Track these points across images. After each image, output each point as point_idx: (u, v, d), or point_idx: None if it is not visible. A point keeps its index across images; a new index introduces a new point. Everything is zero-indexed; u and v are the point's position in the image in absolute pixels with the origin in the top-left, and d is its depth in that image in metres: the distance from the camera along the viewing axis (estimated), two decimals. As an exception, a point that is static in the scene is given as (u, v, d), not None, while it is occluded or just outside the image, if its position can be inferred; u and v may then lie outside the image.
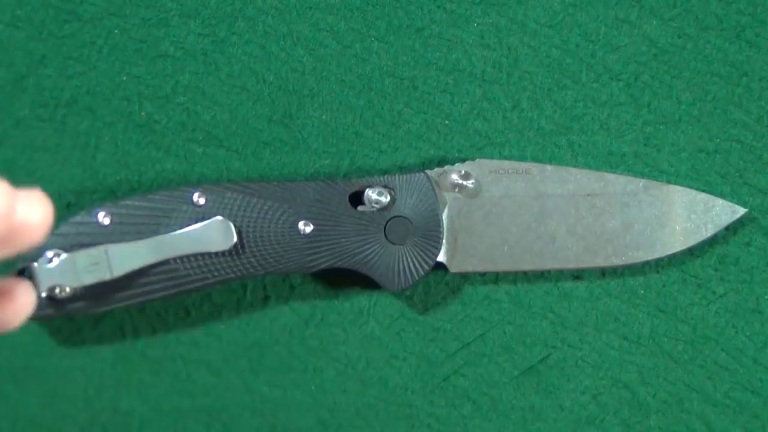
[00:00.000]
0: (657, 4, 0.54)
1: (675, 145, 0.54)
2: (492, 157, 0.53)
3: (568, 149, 0.54)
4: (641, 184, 0.52)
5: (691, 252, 0.53)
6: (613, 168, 0.53)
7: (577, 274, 0.53)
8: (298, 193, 0.51)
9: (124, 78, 0.53)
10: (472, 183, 0.52)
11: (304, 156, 0.53)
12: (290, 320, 0.53)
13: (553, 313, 0.53)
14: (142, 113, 0.53)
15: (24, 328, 0.52)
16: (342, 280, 0.53)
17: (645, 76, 0.54)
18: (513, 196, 0.52)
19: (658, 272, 0.53)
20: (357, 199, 0.51)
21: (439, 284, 0.53)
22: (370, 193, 0.51)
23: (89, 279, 0.48)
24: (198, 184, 0.52)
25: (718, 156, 0.54)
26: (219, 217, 0.50)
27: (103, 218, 0.49)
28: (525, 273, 0.53)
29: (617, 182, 0.52)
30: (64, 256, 0.48)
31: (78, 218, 0.49)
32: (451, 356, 0.53)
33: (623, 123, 0.54)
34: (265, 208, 0.50)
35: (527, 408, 0.53)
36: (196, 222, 0.50)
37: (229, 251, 0.50)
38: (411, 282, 0.51)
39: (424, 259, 0.51)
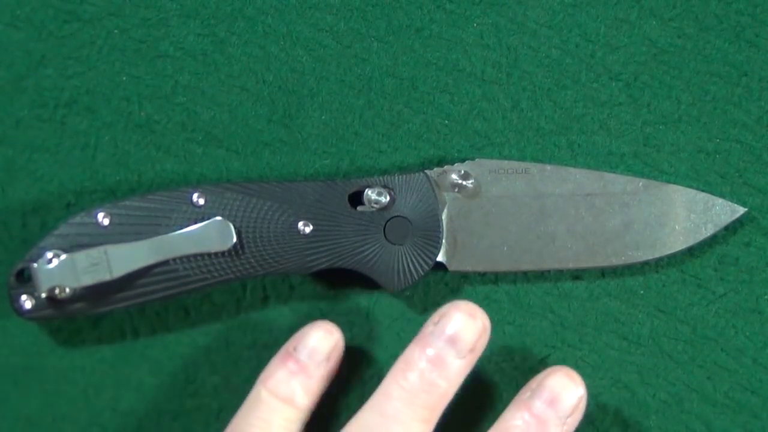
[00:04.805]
0: (657, 4, 0.54)
1: (675, 145, 0.54)
2: (491, 157, 0.53)
3: (568, 149, 0.53)
4: (641, 183, 0.52)
5: (691, 252, 0.53)
6: (612, 168, 0.53)
7: (577, 274, 0.53)
8: (298, 194, 0.51)
9: (124, 78, 0.53)
10: (472, 183, 0.52)
11: (303, 156, 0.53)
12: (290, 320, 0.53)
13: (553, 313, 0.53)
14: (142, 113, 0.53)
15: (24, 328, 0.52)
16: (342, 280, 0.53)
17: (645, 76, 0.54)
18: (512, 196, 0.52)
19: (657, 272, 0.53)
20: (356, 199, 0.51)
21: (439, 284, 0.53)
22: (370, 193, 0.51)
23: (89, 279, 0.48)
24: (197, 184, 0.52)
25: (717, 156, 0.54)
26: (218, 218, 0.50)
27: (103, 219, 0.49)
28: (525, 273, 0.53)
29: (617, 182, 0.52)
30: (63, 256, 0.48)
31: (78, 219, 0.49)
32: (451, 356, 0.53)
33: (623, 123, 0.54)
34: (265, 208, 0.50)
35: (527, 408, 0.53)
36: (195, 222, 0.50)
37: (229, 251, 0.50)
38: (410, 282, 0.51)
39: (423, 259, 0.51)
